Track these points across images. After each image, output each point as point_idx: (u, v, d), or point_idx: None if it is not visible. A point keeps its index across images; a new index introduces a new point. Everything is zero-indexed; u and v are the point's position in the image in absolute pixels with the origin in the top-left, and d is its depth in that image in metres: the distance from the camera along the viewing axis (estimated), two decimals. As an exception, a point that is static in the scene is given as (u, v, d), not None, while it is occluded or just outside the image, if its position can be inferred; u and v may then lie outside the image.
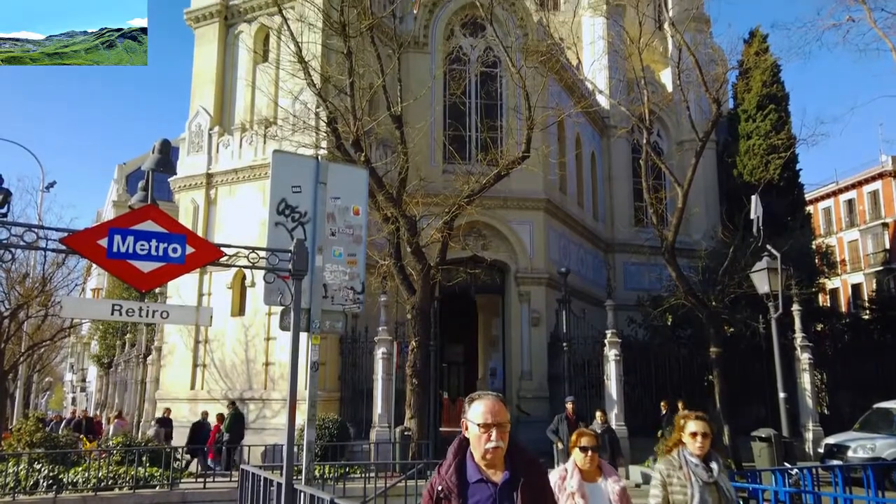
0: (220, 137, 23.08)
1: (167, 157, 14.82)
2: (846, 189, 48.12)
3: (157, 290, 22.46)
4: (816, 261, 28.68)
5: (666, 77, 34.37)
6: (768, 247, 15.30)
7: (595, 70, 31.43)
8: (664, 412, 18.64)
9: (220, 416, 18.60)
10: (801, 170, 30.76)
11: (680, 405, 18.14)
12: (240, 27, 24.24)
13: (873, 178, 46.11)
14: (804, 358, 19.21)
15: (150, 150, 16.26)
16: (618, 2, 32.36)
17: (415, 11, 25.50)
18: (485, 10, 18.65)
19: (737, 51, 27.22)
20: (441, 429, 19.62)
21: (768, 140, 28.99)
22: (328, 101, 16.36)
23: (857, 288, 46.04)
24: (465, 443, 3.04)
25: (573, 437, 4.65)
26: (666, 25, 26.81)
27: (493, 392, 3.10)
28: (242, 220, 21.49)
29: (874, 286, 42.52)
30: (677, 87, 21.02)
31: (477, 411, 2.97)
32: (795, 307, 19.07)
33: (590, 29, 33.69)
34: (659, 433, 17.68)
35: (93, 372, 48.24)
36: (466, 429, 3.02)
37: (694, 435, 4.41)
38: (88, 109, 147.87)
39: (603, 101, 31.20)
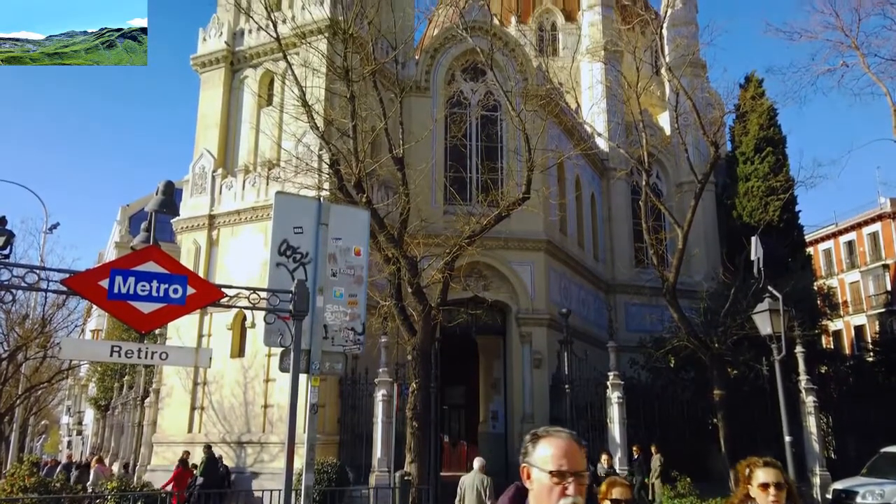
0: (224, 179, 23.31)
1: (170, 198, 14.94)
2: (846, 231, 48.25)
3: (157, 332, 22.37)
4: (818, 302, 28.59)
5: (664, 120, 34.86)
6: (769, 288, 15.27)
7: (594, 113, 31.90)
8: (636, 456, 18.42)
9: (183, 461, 18.23)
10: (800, 211, 30.98)
11: (653, 449, 17.86)
12: (245, 72, 24.72)
13: (872, 220, 46.27)
14: (809, 401, 18.99)
15: (153, 191, 16.40)
16: (615, 48, 33.06)
17: (417, 57, 26.04)
18: (485, 56, 19.03)
19: (733, 95, 27.67)
20: (442, 473, 19.27)
21: (767, 182, 29.23)
22: (331, 143, 16.57)
23: (860, 330, 45.74)
24: (522, 494, 2.39)
25: (603, 488, 3.98)
26: (663, 70, 27.34)
27: (566, 429, 2.42)
28: (244, 261, 21.54)
29: (877, 328, 42.27)
30: (675, 130, 21.32)
31: (546, 454, 2.28)
32: (798, 349, 18.93)
33: (588, 74, 34.32)
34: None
35: (90, 415, 47.65)
36: (528, 477, 2.34)
37: (765, 487, 3.50)
38: (93, 152, 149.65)
39: (602, 144, 31.58)
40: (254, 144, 23.68)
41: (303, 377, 5.84)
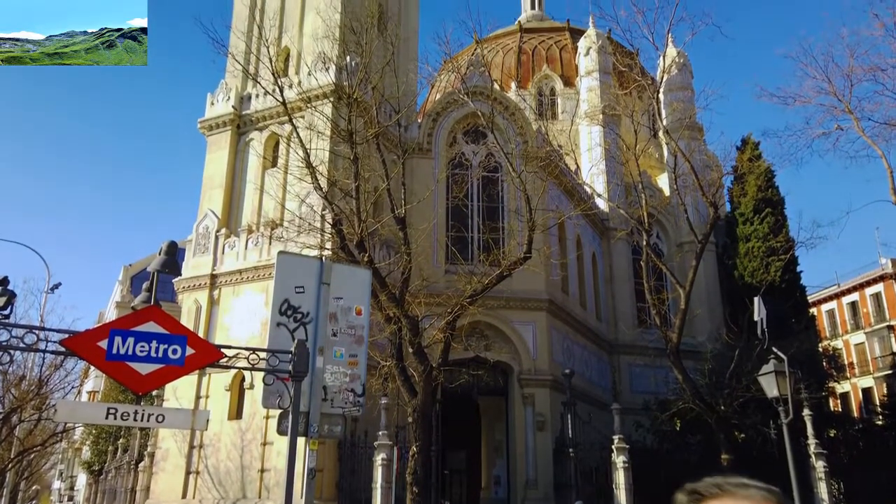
0: (227, 239, 23.47)
1: (173, 258, 14.97)
2: (848, 291, 48.11)
3: (154, 393, 22.08)
4: (824, 364, 28.24)
5: (663, 182, 35.29)
6: (774, 349, 15.11)
7: (593, 175, 32.35)
8: None
9: None
10: (801, 272, 30.90)
11: None
12: (251, 135, 25.24)
13: (875, 281, 46.20)
14: (819, 466, 18.49)
15: (156, 251, 16.47)
16: (613, 112, 33.78)
17: (419, 120, 26.63)
18: (486, 119, 19.46)
19: (730, 157, 28.02)
20: (443, 542, 18.63)
21: (767, 243, 29.34)
22: (334, 203, 16.75)
23: (867, 392, 45.01)
24: None
25: None
26: (661, 133, 27.90)
27: (755, 483, 1.53)
28: (245, 320, 21.47)
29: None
30: (674, 191, 21.56)
31: None
32: (806, 412, 18.57)
33: (587, 136, 34.98)
34: None
35: (82, 479, 46.49)
36: None
37: None
38: (97, 213, 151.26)
39: (602, 204, 31.90)
40: (257, 205, 23.95)
41: (301, 440, 5.72)
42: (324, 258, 6.96)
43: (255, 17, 25.30)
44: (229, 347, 5.99)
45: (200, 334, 19.83)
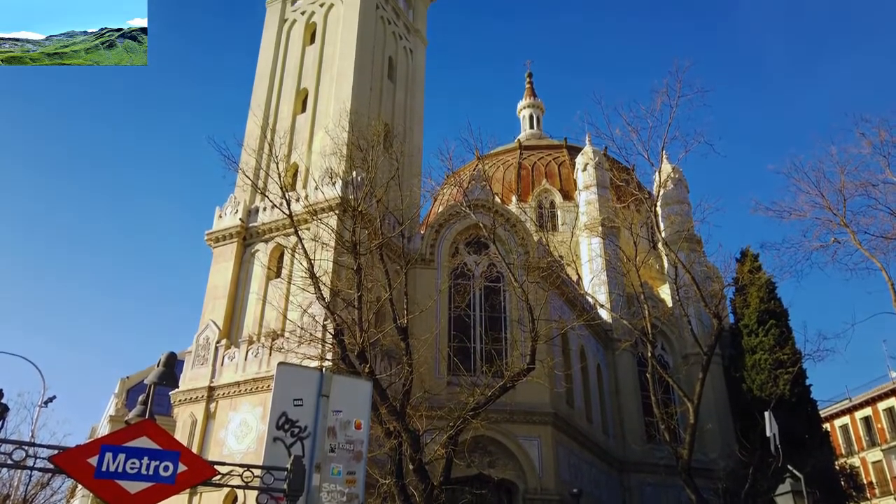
0: (227, 350, 23.24)
1: (171, 370, 14.73)
2: (860, 406, 46.87)
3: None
4: (842, 483, 27.03)
5: (665, 292, 35.36)
6: (789, 467, 14.52)
7: (595, 285, 32.47)
8: None
9: None
10: (811, 385, 30.22)
11: None
12: (256, 246, 25.64)
13: (887, 395, 45.12)
14: None
15: (155, 363, 16.25)
16: (612, 224, 34.48)
17: (422, 231, 27.13)
18: (488, 231, 19.82)
19: (731, 268, 28.10)
20: None
21: (773, 355, 28.91)
22: (336, 313, 16.73)
23: (892, 514, 42.73)
24: None
25: None
26: (660, 245, 28.28)
27: None
28: (241, 435, 20.86)
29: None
30: (677, 302, 21.55)
31: None
32: (830, 536, 17.58)
33: (587, 248, 35.46)
34: None
35: None
36: None
37: None
38: (96, 326, 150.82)
39: (605, 315, 31.79)
40: (259, 315, 23.93)
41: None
42: (324, 369, 6.84)
43: (267, 135, 26.44)
44: (223, 464, 5.76)
45: (194, 449, 19.20)
